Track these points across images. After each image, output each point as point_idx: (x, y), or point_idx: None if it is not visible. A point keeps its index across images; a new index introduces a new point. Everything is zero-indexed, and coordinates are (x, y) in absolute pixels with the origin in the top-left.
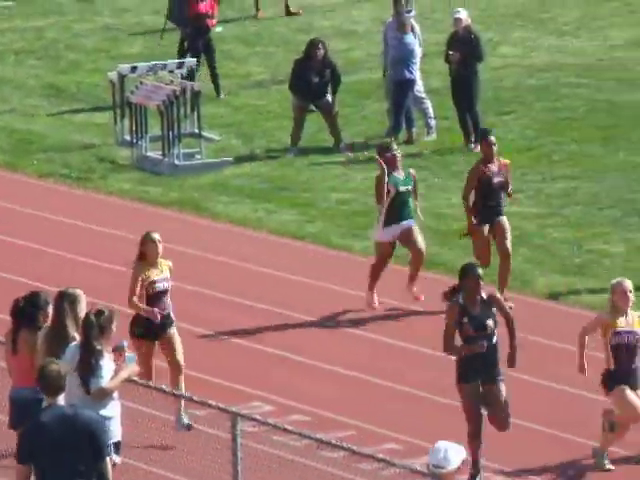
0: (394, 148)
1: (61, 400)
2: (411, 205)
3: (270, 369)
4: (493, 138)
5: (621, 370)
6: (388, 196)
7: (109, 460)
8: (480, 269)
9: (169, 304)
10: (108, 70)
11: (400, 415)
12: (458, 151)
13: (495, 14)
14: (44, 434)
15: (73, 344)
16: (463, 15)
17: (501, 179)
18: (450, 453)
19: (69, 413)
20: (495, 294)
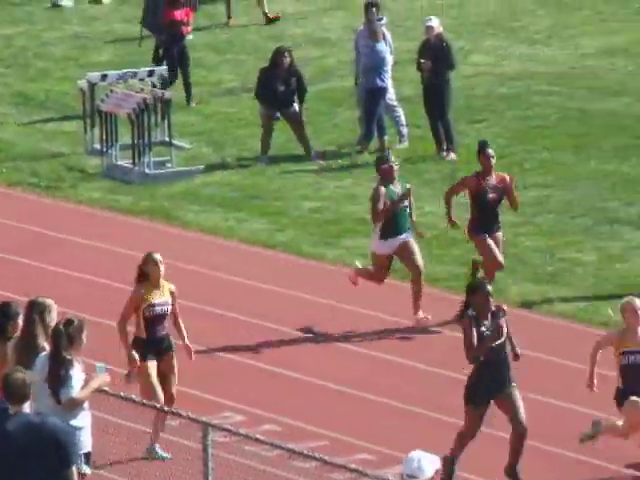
0: (392, 160)
1: (26, 408)
2: (408, 218)
3: (241, 378)
4: (491, 151)
5: (629, 390)
6: (385, 210)
7: (75, 469)
8: (489, 285)
9: (167, 327)
10: (77, 78)
11: (371, 424)
12: (430, 159)
13: (466, 22)
14: (9, 442)
15: (43, 354)
16: (435, 23)
17: (495, 195)
18: (424, 463)
19: (35, 421)
20: (502, 305)
